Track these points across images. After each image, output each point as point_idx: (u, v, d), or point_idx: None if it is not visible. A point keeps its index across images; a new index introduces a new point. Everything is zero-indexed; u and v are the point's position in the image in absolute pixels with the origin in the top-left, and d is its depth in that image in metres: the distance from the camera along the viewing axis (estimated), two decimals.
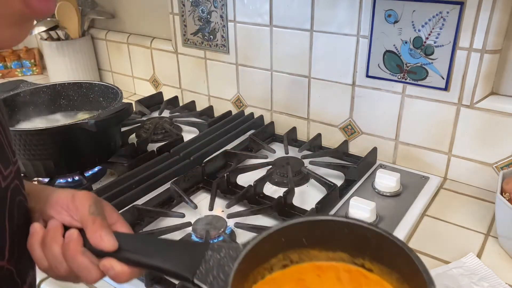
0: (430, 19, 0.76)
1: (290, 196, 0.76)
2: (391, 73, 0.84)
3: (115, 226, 0.44)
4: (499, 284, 0.59)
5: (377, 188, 0.80)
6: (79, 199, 0.43)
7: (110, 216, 0.44)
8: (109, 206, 0.46)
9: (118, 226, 0.44)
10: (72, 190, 0.46)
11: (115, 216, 0.45)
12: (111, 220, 0.44)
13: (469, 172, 0.83)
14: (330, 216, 0.43)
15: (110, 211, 0.45)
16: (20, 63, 1.54)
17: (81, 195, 0.44)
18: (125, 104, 0.83)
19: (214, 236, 0.66)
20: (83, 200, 0.43)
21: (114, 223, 0.44)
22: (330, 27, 0.88)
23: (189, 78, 1.20)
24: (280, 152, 0.92)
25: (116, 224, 0.44)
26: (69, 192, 0.45)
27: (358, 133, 0.94)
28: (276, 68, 1.00)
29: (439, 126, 0.83)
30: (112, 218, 0.44)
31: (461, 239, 0.70)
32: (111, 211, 0.45)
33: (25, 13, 0.29)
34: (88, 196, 0.44)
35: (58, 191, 0.46)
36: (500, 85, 0.78)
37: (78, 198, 0.43)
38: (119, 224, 0.44)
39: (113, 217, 0.44)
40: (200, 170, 0.84)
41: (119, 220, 0.45)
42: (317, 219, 0.42)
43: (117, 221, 0.44)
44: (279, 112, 1.05)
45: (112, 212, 0.45)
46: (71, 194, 0.44)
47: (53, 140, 0.78)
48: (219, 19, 1.04)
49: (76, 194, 0.44)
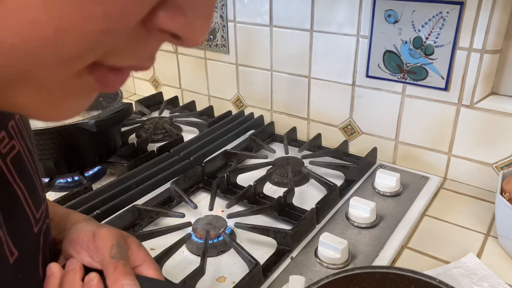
0: (430, 19, 0.76)
1: (290, 196, 0.76)
2: (391, 73, 0.84)
3: (141, 268, 0.39)
4: (499, 284, 0.59)
5: (377, 188, 0.80)
6: (100, 238, 0.39)
7: (136, 256, 0.40)
8: (136, 244, 0.41)
9: (145, 268, 0.39)
10: (94, 226, 0.41)
11: (142, 255, 0.40)
12: (137, 261, 0.39)
13: (469, 172, 0.83)
14: (392, 269, 0.36)
15: (136, 250, 0.40)
16: None
17: (103, 233, 0.39)
18: (125, 104, 0.83)
19: (214, 236, 0.66)
20: (105, 240, 0.38)
21: (140, 264, 0.39)
22: (330, 27, 0.88)
23: (189, 78, 1.20)
24: (280, 152, 0.92)
25: (142, 265, 0.39)
26: (91, 229, 0.40)
27: (358, 133, 0.94)
28: (276, 68, 1.00)
29: (439, 126, 0.83)
30: (139, 259, 0.40)
31: (461, 239, 0.70)
32: (138, 250, 0.40)
33: (96, 89, 0.23)
34: (110, 234, 0.39)
35: (78, 224, 0.41)
36: (500, 85, 0.78)
37: (99, 237, 0.39)
38: (146, 265, 0.40)
39: (140, 257, 0.40)
40: (200, 170, 0.84)
41: (147, 260, 0.40)
42: (375, 271, 0.36)
43: (144, 261, 0.40)
44: (279, 112, 1.05)
45: (138, 251, 0.40)
46: (92, 232, 0.39)
47: (53, 140, 0.78)
48: (219, 19, 1.05)
49: (97, 232, 0.39)
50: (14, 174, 0.33)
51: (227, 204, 0.73)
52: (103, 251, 0.38)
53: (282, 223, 0.72)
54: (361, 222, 0.70)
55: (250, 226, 0.68)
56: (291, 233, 0.65)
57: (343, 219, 0.73)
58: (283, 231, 0.66)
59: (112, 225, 0.68)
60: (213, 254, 0.66)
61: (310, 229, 0.70)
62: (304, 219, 0.68)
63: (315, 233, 0.69)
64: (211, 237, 0.66)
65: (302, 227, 0.68)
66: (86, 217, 0.45)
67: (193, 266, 0.60)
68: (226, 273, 0.62)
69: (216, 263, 0.65)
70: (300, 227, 0.67)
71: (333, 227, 0.71)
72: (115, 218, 0.70)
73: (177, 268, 0.64)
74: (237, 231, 0.70)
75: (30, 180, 0.35)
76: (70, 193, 0.78)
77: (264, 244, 0.68)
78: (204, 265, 0.60)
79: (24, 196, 0.33)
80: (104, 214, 0.72)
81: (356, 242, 0.67)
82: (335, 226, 0.71)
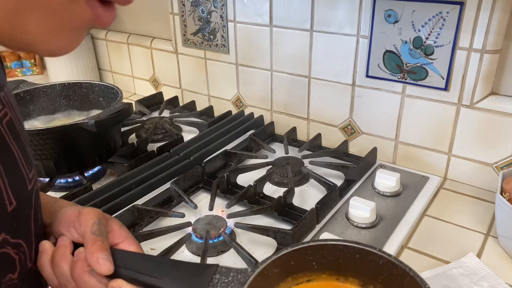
0: (430, 19, 0.76)
1: (290, 196, 0.76)
2: (391, 73, 0.84)
3: (123, 244, 0.43)
4: (499, 284, 0.59)
5: (377, 188, 0.80)
6: (84, 216, 0.42)
7: (118, 234, 0.43)
8: (117, 224, 0.44)
9: (127, 244, 0.43)
10: (80, 207, 0.45)
11: (124, 233, 0.44)
12: (119, 238, 0.43)
13: (469, 172, 0.83)
14: (341, 241, 0.42)
15: (118, 229, 0.44)
16: (20, 63, 1.54)
17: (87, 212, 0.43)
18: (125, 104, 0.83)
19: (214, 236, 0.66)
20: (88, 218, 0.42)
21: (122, 241, 0.43)
22: (330, 27, 0.88)
23: (189, 78, 1.20)
24: (280, 152, 0.92)
25: (124, 242, 0.43)
26: (76, 208, 0.44)
27: (358, 133, 0.94)
28: (276, 68, 1.00)
29: (439, 126, 0.83)
30: (121, 236, 0.43)
31: (461, 239, 0.70)
32: (120, 229, 0.44)
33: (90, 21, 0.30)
34: (93, 213, 0.43)
35: (66, 206, 0.45)
36: (500, 85, 0.78)
37: (83, 215, 0.42)
38: (128, 242, 0.43)
39: (122, 234, 0.43)
40: (200, 170, 0.84)
41: (128, 238, 0.43)
42: (327, 243, 0.41)
43: (126, 239, 0.43)
44: (279, 112, 1.05)
45: (120, 230, 0.44)
46: (78, 211, 0.43)
47: (53, 140, 0.78)
48: (219, 19, 1.05)
49: (82, 210, 0.43)
50: (10, 136, 0.36)
51: (227, 204, 0.73)
52: (85, 227, 0.41)
53: (282, 223, 0.72)
54: (361, 222, 0.71)
55: (250, 226, 0.68)
56: (291, 233, 0.65)
57: (343, 219, 0.73)
58: (283, 231, 0.66)
59: None
60: (213, 254, 0.66)
61: (310, 229, 0.70)
62: (304, 219, 0.68)
63: (315, 233, 0.69)
64: (211, 237, 0.66)
65: (302, 227, 0.68)
66: (72, 203, 0.49)
67: None
68: None
69: (216, 263, 0.64)
70: (300, 227, 0.67)
71: (333, 227, 0.71)
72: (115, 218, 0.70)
73: None
74: (237, 231, 0.70)
75: (22, 144, 0.38)
76: (70, 193, 0.78)
77: (264, 244, 0.68)
78: None
79: (19, 156, 0.37)
80: None
81: None
82: (335, 226, 0.71)
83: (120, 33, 1.33)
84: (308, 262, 0.41)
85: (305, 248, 0.41)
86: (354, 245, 0.41)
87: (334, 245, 0.41)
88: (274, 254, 0.40)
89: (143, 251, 0.44)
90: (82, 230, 0.41)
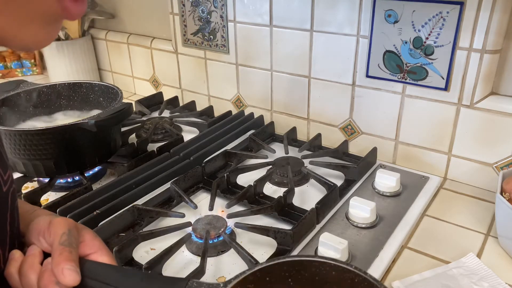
0: (430, 19, 0.76)
1: (290, 196, 0.76)
2: (391, 73, 0.84)
3: (95, 255, 0.42)
4: (499, 284, 0.59)
5: (377, 188, 0.80)
6: (54, 225, 0.41)
7: (90, 245, 0.42)
8: (91, 234, 0.44)
9: (99, 255, 0.42)
10: (52, 216, 0.44)
11: (97, 244, 0.43)
12: (91, 249, 0.42)
13: (469, 172, 0.83)
14: (317, 257, 0.41)
15: (90, 239, 0.43)
16: (20, 63, 1.54)
17: (57, 221, 0.42)
18: (125, 104, 0.83)
19: (214, 236, 0.66)
20: (58, 227, 0.41)
21: (94, 252, 0.42)
22: (330, 27, 0.88)
23: (189, 78, 1.20)
24: (280, 152, 0.92)
25: (96, 253, 0.42)
26: (48, 218, 0.43)
27: (358, 133, 0.94)
28: (276, 68, 1.01)
29: (439, 126, 0.83)
30: (93, 247, 0.43)
31: (461, 239, 0.70)
32: (92, 240, 0.43)
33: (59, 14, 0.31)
34: (64, 223, 0.42)
35: (40, 216, 0.45)
36: (500, 85, 0.78)
37: (53, 224, 0.42)
38: (100, 253, 0.43)
39: (94, 245, 0.43)
40: (200, 170, 0.84)
41: (101, 248, 0.43)
42: (303, 259, 0.40)
43: (98, 249, 0.43)
44: (279, 112, 1.05)
45: (93, 241, 0.43)
46: (49, 220, 0.42)
47: (53, 140, 0.78)
48: (219, 19, 1.05)
49: (53, 220, 0.42)
50: None
51: (227, 204, 0.73)
52: (54, 237, 0.41)
53: (282, 223, 0.72)
54: (361, 222, 0.71)
55: (250, 226, 0.68)
56: (291, 233, 0.65)
57: (343, 219, 0.73)
58: (283, 231, 0.66)
59: (112, 225, 0.69)
60: (213, 254, 0.66)
61: (310, 229, 0.70)
62: (304, 219, 0.68)
63: (315, 233, 0.69)
64: (211, 237, 0.66)
65: (302, 227, 0.68)
66: (50, 213, 0.48)
67: (193, 266, 0.60)
68: (226, 273, 0.62)
69: (216, 263, 0.65)
70: (300, 227, 0.67)
71: (333, 227, 0.71)
72: (115, 218, 0.70)
73: (177, 268, 0.64)
74: (237, 231, 0.70)
75: None
76: (70, 193, 0.78)
77: (264, 244, 0.68)
78: (204, 265, 0.60)
79: None
80: (104, 214, 0.72)
81: (356, 242, 0.67)
82: (335, 226, 0.71)
83: (120, 33, 1.33)
84: (284, 278, 0.40)
85: (280, 264, 0.40)
86: (331, 262, 0.40)
87: (310, 261, 0.40)
88: (248, 270, 0.39)
89: (116, 263, 0.44)
90: (51, 240, 0.41)
